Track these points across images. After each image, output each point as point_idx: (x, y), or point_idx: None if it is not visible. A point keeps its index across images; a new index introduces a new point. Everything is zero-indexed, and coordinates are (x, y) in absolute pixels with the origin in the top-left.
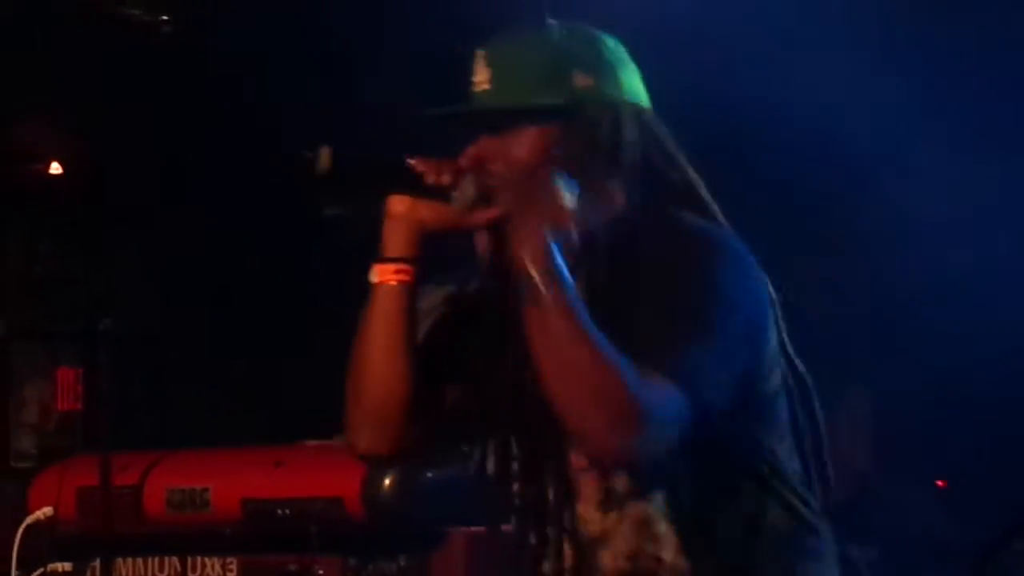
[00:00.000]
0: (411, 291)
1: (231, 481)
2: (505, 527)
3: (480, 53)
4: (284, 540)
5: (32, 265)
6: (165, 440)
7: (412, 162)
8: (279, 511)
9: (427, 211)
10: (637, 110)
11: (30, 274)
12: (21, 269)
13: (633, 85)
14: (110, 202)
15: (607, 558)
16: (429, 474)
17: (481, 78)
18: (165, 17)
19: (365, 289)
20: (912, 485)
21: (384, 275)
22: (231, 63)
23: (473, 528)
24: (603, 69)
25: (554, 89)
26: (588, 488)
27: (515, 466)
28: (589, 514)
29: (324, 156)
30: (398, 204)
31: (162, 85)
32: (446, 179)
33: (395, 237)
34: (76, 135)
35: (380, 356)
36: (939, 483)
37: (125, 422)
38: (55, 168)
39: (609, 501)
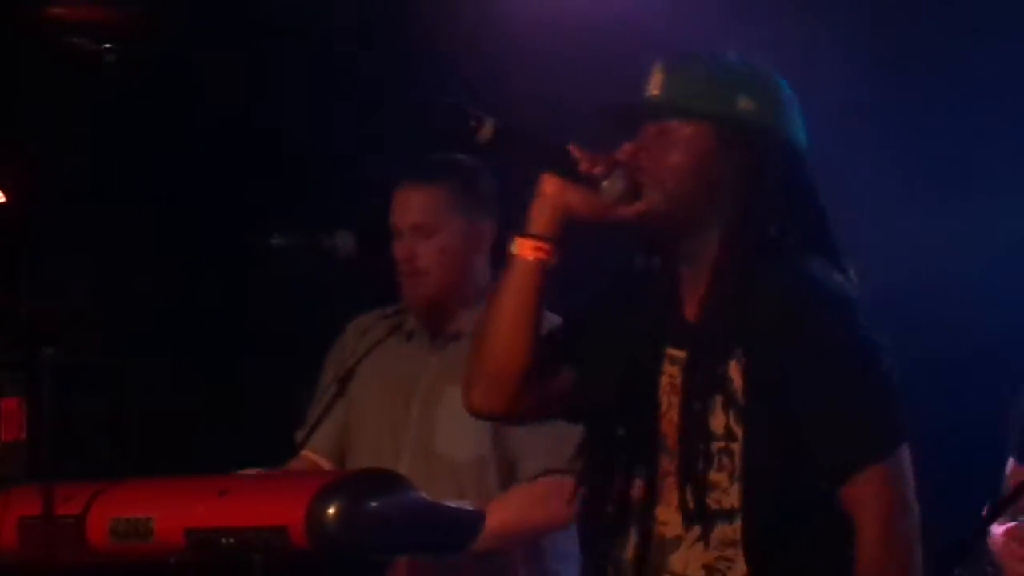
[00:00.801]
0: (546, 269)
1: (175, 511)
2: (450, 557)
3: (658, 63)
4: (228, 569)
5: None
6: (113, 470)
7: (569, 147)
8: (223, 540)
9: (575, 196)
10: (791, 147)
11: None
12: None
13: (793, 126)
14: (55, 230)
15: (678, 563)
16: (374, 503)
17: (654, 84)
18: (109, 46)
19: (315, 317)
20: None
21: (523, 249)
22: (179, 89)
23: (417, 557)
24: (768, 101)
25: (718, 103)
26: (670, 493)
27: (608, 457)
28: (667, 516)
29: (487, 128)
30: (549, 185)
31: (108, 112)
32: (599, 169)
33: (541, 216)
34: (17, 163)
35: (507, 324)
36: None
37: (72, 452)
38: None
39: (697, 515)
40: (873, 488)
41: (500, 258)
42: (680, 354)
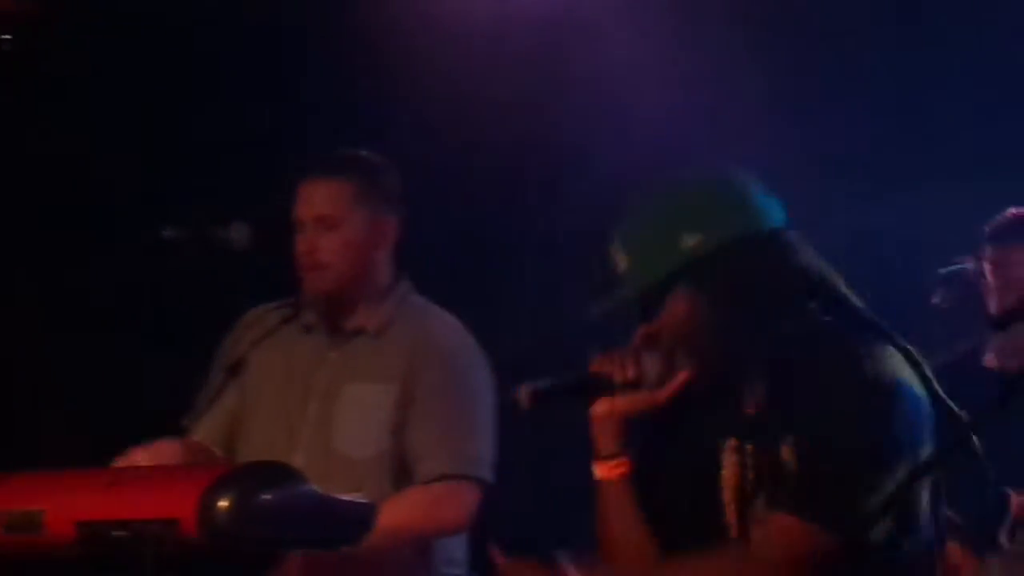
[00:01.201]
0: (631, 480)
1: (65, 503)
2: (344, 550)
3: (616, 234)
4: (120, 562)
5: None
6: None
7: (599, 370)
8: (114, 533)
9: (624, 404)
10: (749, 244)
11: None
12: None
13: (744, 219)
14: None
15: None
16: (266, 496)
17: (618, 260)
18: (5, 36)
19: (210, 310)
20: None
21: (605, 473)
22: (76, 79)
23: (310, 551)
24: (708, 220)
25: (669, 258)
26: None
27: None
28: None
29: (524, 397)
30: (599, 407)
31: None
32: (631, 374)
33: (605, 437)
34: None
35: (625, 545)
36: None
37: None
38: None
39: None
40: (778, 537)
41: (402, 255)
42: (736, 443)
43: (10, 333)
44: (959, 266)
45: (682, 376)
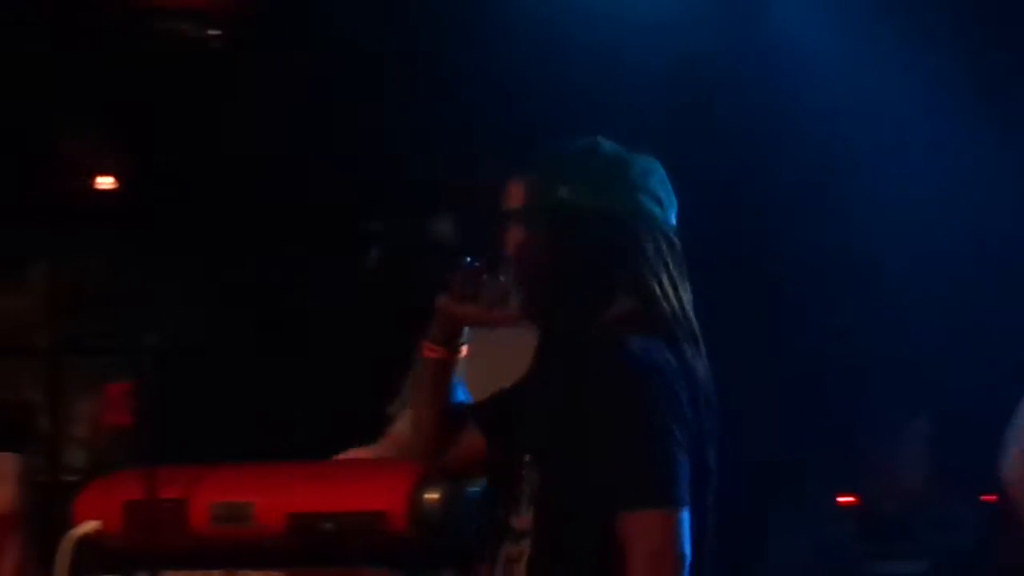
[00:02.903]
0: (445, 363)
1: (275, 495)
2: None
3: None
4: (328, 554)
5: (82, 281)
6: (212, 454)
7: (451, 275)
8: (323, 525)
9: (461, 310)
10: (599, 218)
11: (81, 290)
12: (72, 285)
13: (612, 197)
14: (159, 220)
15: None
16: (476, 490)
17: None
18: (215, 32)
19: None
20: (961, 501)
21: (425, 351)
22: (282, 75)
23: None
24: (584, 183)
25: (543, 196)
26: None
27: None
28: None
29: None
30: (439, 301)
31: (209, 99)
32: (467, 290)
33: (437, 326)
34: (128, 150)
35: (422, 403)
36: (988, 498)
37: (174, 436)
38: (106, 182)
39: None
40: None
41: None
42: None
43: (218, 331)
44: None
45: (512, 307)
